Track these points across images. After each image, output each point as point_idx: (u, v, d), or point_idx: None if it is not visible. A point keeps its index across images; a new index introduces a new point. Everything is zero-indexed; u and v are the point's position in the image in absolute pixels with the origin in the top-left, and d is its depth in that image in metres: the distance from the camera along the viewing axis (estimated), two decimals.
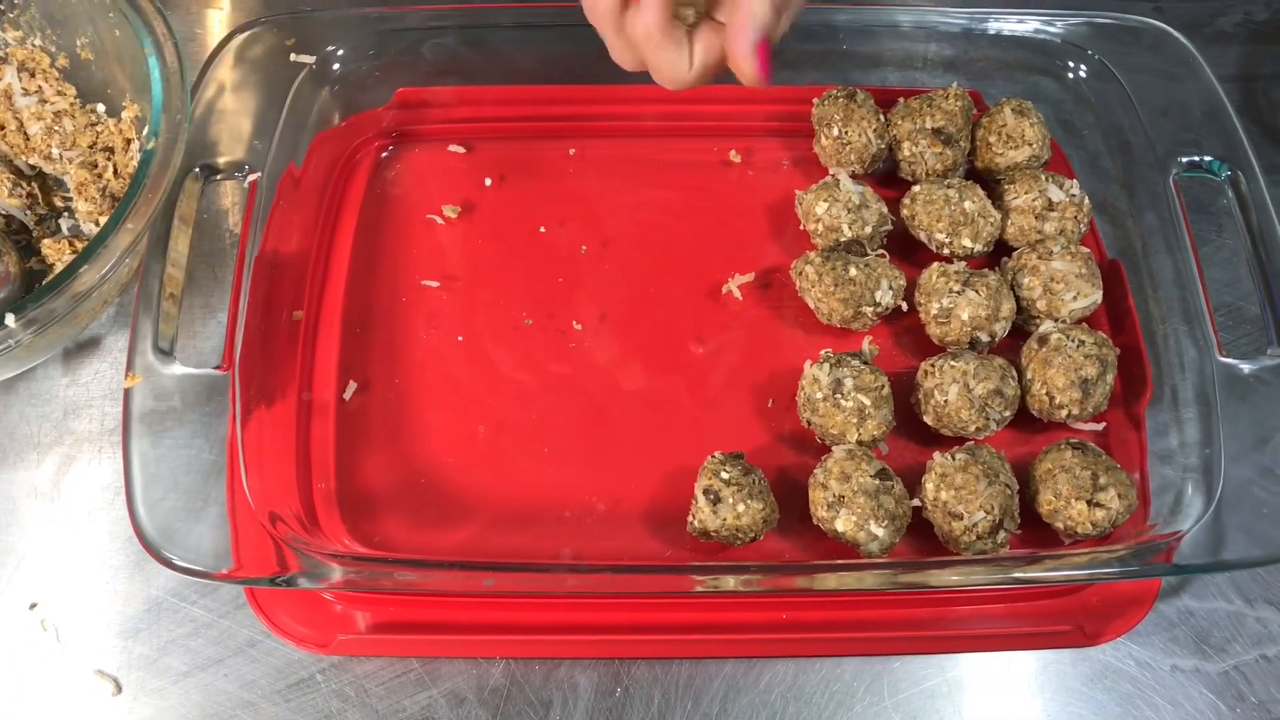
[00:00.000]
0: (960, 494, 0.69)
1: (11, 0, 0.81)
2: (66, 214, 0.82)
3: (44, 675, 0.70)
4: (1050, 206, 0.80)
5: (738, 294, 0.83)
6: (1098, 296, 0.77)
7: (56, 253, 0.78)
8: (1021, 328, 0.79)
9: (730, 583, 0.68)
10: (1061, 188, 0.81)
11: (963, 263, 0.79)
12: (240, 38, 0.84)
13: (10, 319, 0.65)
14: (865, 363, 0.74)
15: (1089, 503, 0.69)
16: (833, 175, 0.83)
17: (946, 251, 0.81)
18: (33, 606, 0.72)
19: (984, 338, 0.76)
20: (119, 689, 0.70)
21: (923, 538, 0.72)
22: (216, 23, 0.98)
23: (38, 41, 0.83)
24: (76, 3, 0.80)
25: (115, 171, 0.80)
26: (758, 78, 0.64)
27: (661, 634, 0.70)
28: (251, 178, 0.79)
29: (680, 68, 0.65)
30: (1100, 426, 0.77)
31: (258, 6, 0.99)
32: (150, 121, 0.72)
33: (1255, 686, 0.70)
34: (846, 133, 0.83)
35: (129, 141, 0.80)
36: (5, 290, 0.76)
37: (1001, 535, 0.70)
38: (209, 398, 0.73)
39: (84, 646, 0.71)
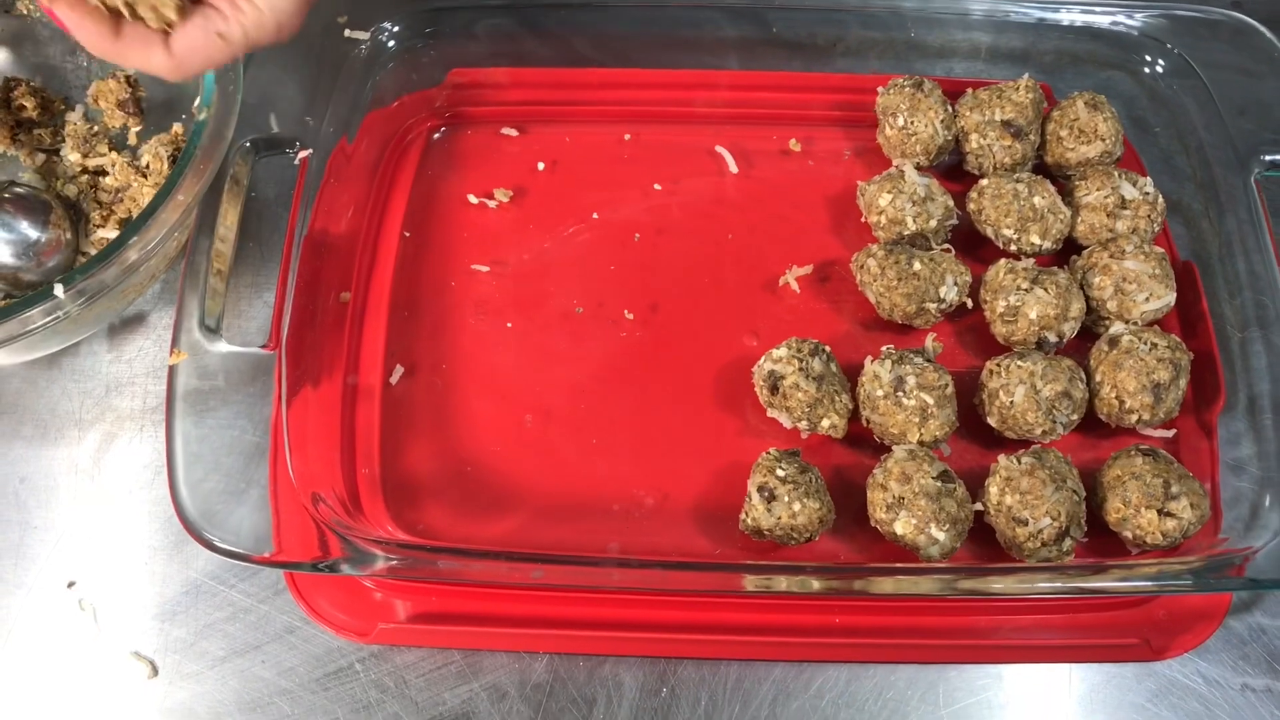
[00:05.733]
0: (1026, 499, 0.66)
1: None
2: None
3: (80, 655, 0.69)
4: (1123, 204, 0.77)
5: (795, 287, 0.80)
6: (1171, 298, 0.75)
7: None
8: (1090, 329, 0.76)
9: (783, 583, 0.65)
10: (1135, 185, 0.78)
11: (1031, 260, 0.76)
12: None
13: (59, 289, 0.64)
14: (928, 360, 0.72)
15: (1160, 512, 0.66)
16: (897, 167, 0.80)
17: (1014, 248, 0.78)
18: (71, 585, 0.71)
19: (1052, 338, 0.73)
20: (155, 672, 0.68)
21: (984, 543, 0.70)
22: None
23: None
24: None
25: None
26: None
27: (710, 634, 0.68)
28: (303, 154, 0.78)
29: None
30: (1171, 433, 0.74)
31: None
32: (203, 93, 0.71)
33: None
34: (912, 123, 0.81)
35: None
36: (57, 258, 0.75)
37: (1067, 543, 0.67)
38: (253, 378, 0.71)
39: (121, 627, 0.70)
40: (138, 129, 0.82)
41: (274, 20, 0.61)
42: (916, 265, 0.75)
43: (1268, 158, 0.80)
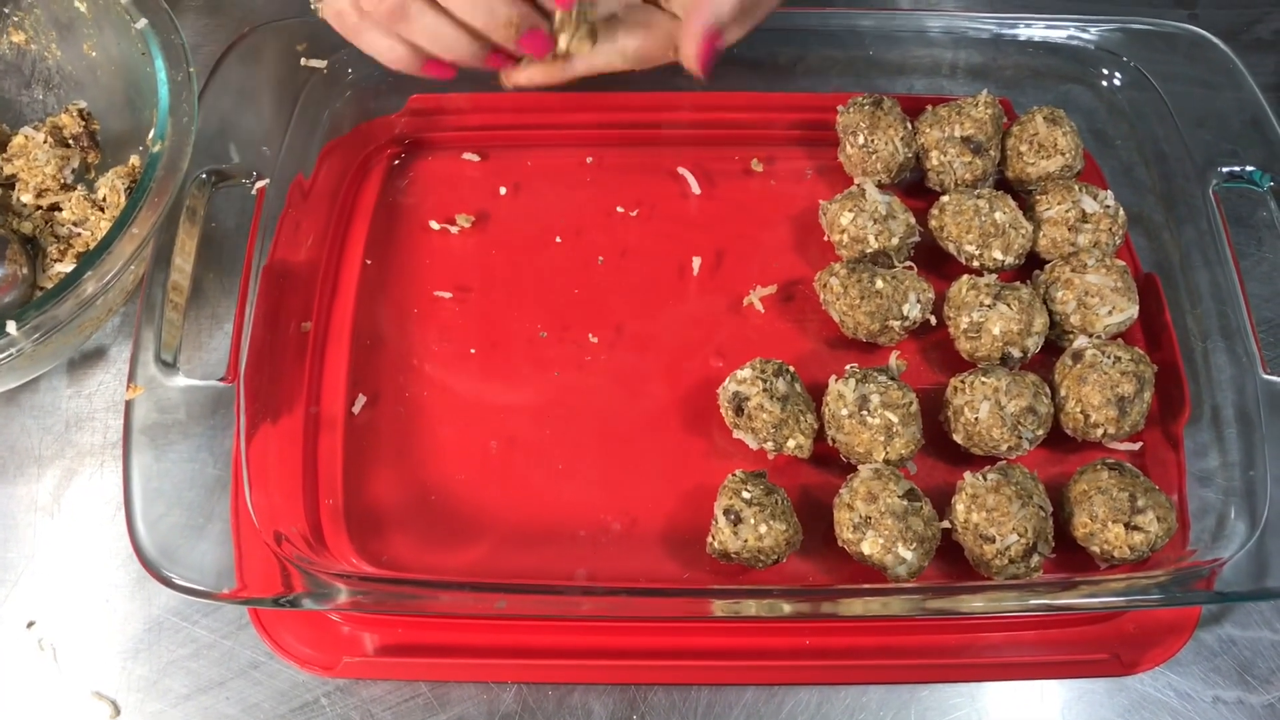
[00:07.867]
0: (992, 516, 0.66)
1: (17, 2, 0.80)
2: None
3: (41, 696, 0.68)
4: (1084, 218, 0.78)
5: (759, 307, 0.80)
6: (1134, 311, 0.75)
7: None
8: (1054, 343, 0.76)
9: (752, 607, 0.65)
10: (1096, 198, 0.78)
11: (993, 275, 0.76)
12: (250, 40, 0.82)
13: (12, 326, 0.63)
14: (892, 378, 0.72)
15: (1127, 525, 0.66)
16: (858, 185, 0.80)
17: (976, 264, 0.78)
18: (30, 625, 0.70)
19: (1016, 353, 0.73)
20: (117, 711, 0.67)
21: (952, 561, 0.70)
22: (225, 27, 0.96)
23: (43, 43, 0.81)
24: (82, 6, 0.78)
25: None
26: (696, 66, 0.68)
27: (680, 659, 0.68)
28: (260, 184, 0.77)
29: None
30: (1137, 446, 0.74)
31: (268, 10, 0.96)
32: (157, 124, 0.70)
33: None
34: (873, 141, 0.81)
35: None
36: (13, 293, 0.74)
37: (1035, 559, 0.67)
38: (213, 411, 0.71)
39: (82, 667, 0.69)
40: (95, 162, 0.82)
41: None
42: (879, 283, 0.74)
43: (1225, 169, 0.80)
